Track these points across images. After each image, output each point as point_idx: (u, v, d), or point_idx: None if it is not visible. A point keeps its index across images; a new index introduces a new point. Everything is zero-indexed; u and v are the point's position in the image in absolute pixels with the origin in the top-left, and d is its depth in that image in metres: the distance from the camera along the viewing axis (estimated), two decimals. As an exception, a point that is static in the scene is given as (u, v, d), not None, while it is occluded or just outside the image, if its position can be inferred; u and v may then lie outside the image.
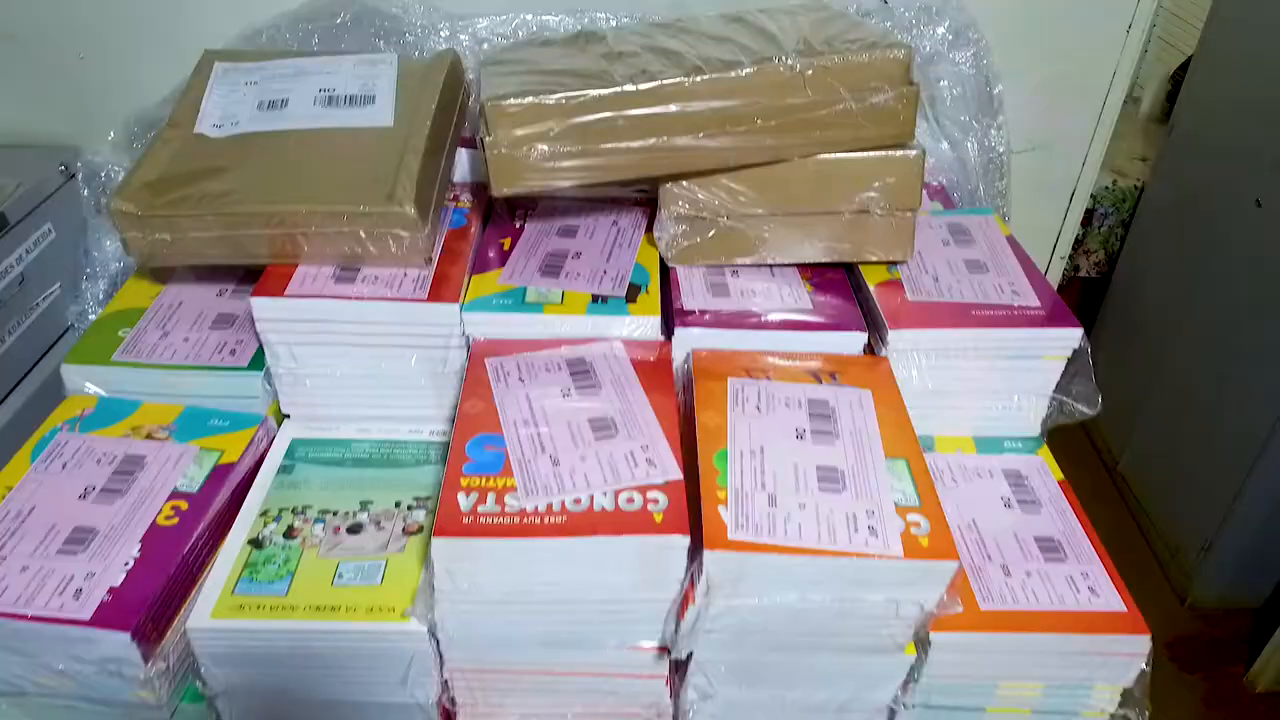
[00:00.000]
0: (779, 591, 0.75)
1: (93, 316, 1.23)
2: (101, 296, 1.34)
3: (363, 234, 0.89)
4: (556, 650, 0.82)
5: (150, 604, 0.76)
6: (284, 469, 0.92)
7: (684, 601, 0.77)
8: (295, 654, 0.79)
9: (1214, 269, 2.10)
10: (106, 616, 0.74)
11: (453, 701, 0.85)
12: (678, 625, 0.77)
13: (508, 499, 0.75)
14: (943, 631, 0.80)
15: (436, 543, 0.72)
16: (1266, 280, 1.91)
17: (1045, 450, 1.00)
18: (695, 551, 0.74)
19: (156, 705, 0.80)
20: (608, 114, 0.87)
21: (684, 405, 0.89)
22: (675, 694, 0.85)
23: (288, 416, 0.98)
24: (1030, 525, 0.91)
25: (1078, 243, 2.65)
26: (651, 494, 0.76)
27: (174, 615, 0.80)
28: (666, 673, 0.84)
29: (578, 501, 0.75)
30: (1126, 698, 0.85)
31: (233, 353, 0.97)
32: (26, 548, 0.79)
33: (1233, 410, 2.05)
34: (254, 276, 0.92)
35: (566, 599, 0.77)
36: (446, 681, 0.83)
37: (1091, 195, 2.62)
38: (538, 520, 0.74)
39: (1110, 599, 0.84)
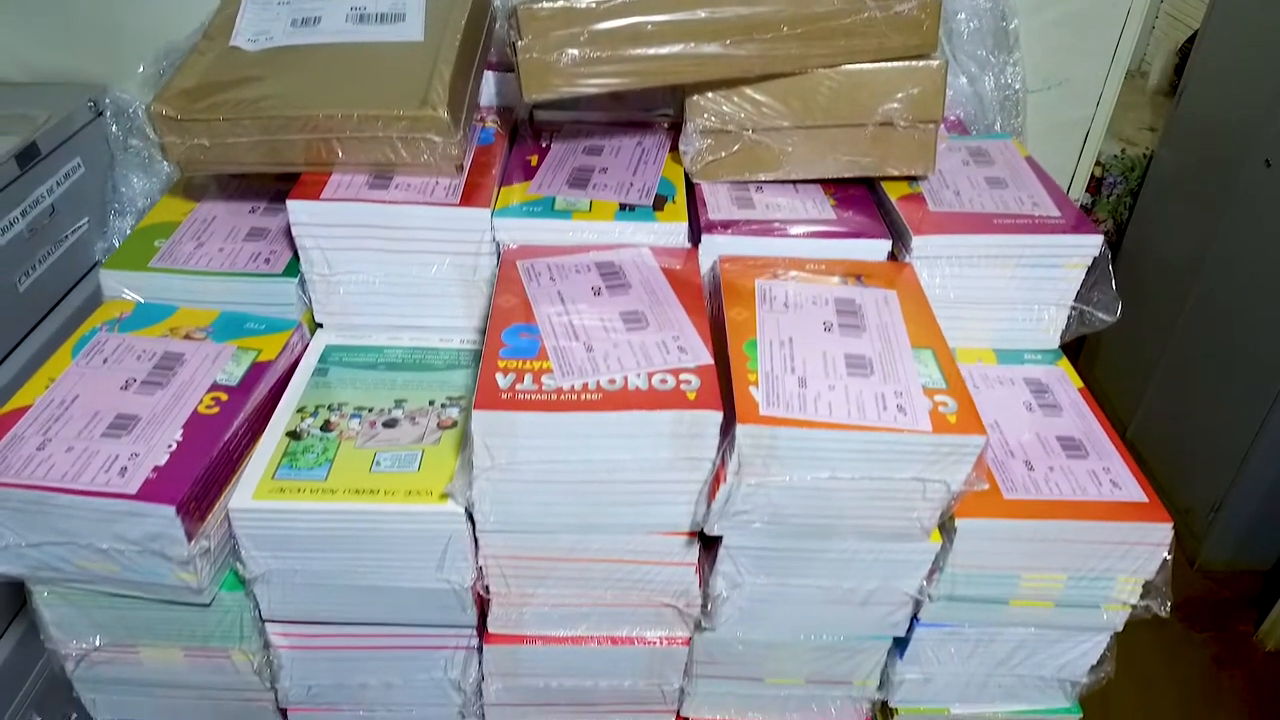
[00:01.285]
0: (809, 469, 0.76)
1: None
2: (129, 232, 1.36)
3: (396, 139, 0.91)
4: (588, 535, 0.83)
5: (194, 481, 0.77)
6: (319, 371, 0.94)
7: (715, 482, 0.78)
8: (334, 536, 0.81)
9: (1224, 231, 2.12)
10: (152, 491, 0.76)
11: (487, 589, 0.86)
12: (709, 508, 0.79)
13: (544, 379, 0.77)
14: (968, 517, 0.82)
15: (476, 416, 0.74)
16: (1278, 239, 1.92)
17: (1065, 362, 1.01)
18: (727, 429, 0.76)
19: (197, 589, 0.81)
20: (636, 19, 0.89)
21: (712, 310, 0.91)
22: (704, 583, 0.87)
23: (321, 326, 0.99)
24: (1052, 426, 0.92)
25: (1086, 210, 2.67)
26: (684, 376, 0.78)
27: (215, 499, 0.81)
28: (696, 560, 0.85)
29: (612, 382, 0.77)
30: (1148, 589, 0.86)
31: (267, 261, 0.98)
32: (71, 431, 0.81)
33: (1242, 374, 2.06)
34: (285, 197, 0.93)
35: (600, 478, 0.78)
36: (481, 568, 0.85)
37: (1100, 164, 2.64)
38: (574, 397, 0.76)
39: (1132, 491, 0.85)
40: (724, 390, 0.77)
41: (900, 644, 0.93)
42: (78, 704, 1.08)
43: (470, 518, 0.81)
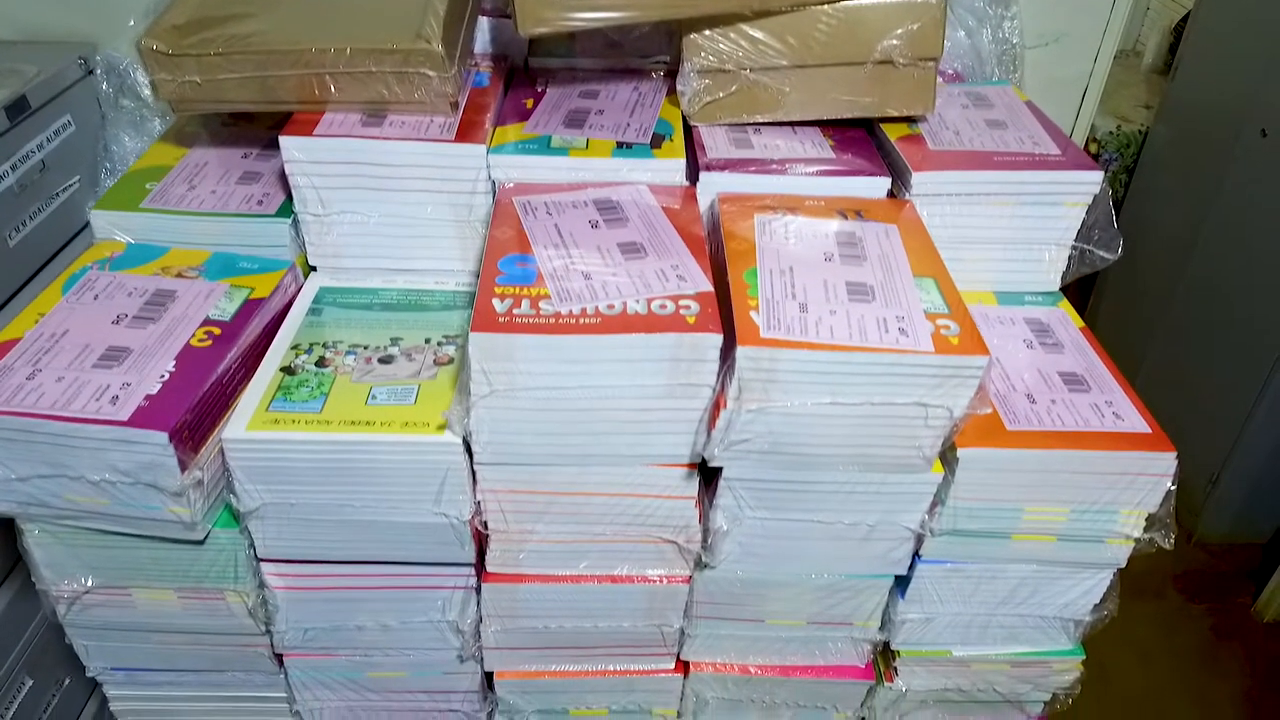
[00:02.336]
0: (810, 394, 0.76)
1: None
2: (121, 189, 1.34)
3: (389, 74, 0.90)
4: (587, 468, 0.82)
5: (187, 409, 0.76)
6: (313, 311, 0.93)
7: (715, 410, 0.77)
8: (330, 468, 0.80)
9: (1221, 203, 2.11)
10: (145, 418, 0.75)
11: (485, 525, 0.85)
12: (709, 436, 0.78)
13: (542, 304, 0.76)
14: (970, 447, 0.81)
15: (474, 338, 0.73)
16: (1275, 209, 1.92)
17: (1066, 303, 1.01)
18: (727, 354, 0.75)
19: (190, 523, 0.80)
20: (633, -49, 0.88)
21: (711, 248, 0.90)
22: (704, 519, 0.86)
23: (314, 269, 0.98)
24: (1053, 363, 0.91)
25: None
26: (684, 302, 0.77)
27: (209, 432, 0.80)
28: (695, 494, 0.84)
29: (610, 307, 0.76)
30: (1152, 522, 0.85)
31: (260, 203, 0.97)
32: (61, 362, 0.80)
33: (1238, 347, 2.06)
34: (278, 143, 0.91)
35: (598, 406, 0.77)
36: (479, 503, 0.84)
37: (1096, 140, 2.63)
38: (572, 321, 0.75)
39: (1135, 422, 0.85)
40: (724, 317, 0.76)
41: (902, 583, 0.92)
42: (71, 668, 1.07)
43: (468, 449, 0.80)
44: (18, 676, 1.09)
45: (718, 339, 0.73)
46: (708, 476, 0.85)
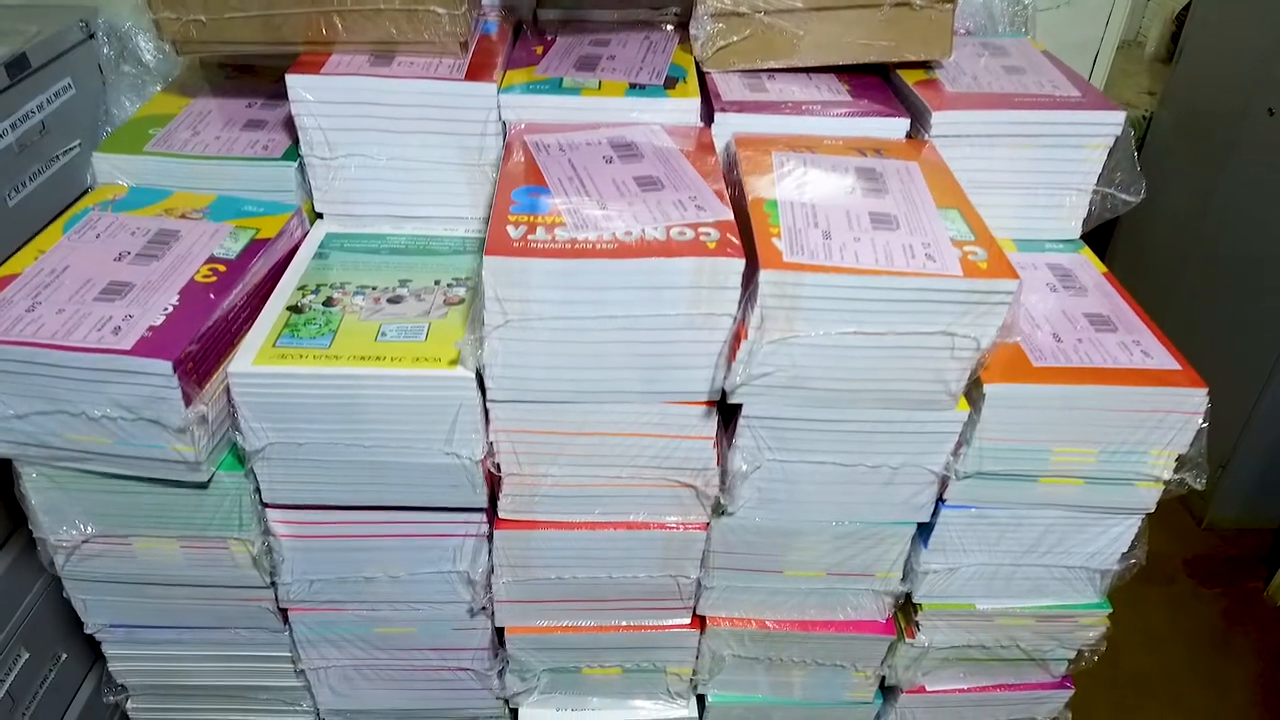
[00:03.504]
0: (834, 322, 0.73)
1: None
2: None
3: (398, 12, 0.88)
4: (603, 406, 0.80)
5: (191, 339, 0.74)
6: (319, 255, 0.90)
7: (735, 341, 0.75)
8: (338, 405, 0.77)
9: (1228, 184, 2.10)
10: (148, 348, 0.72)
11: (498, 467, 0.83)
12: (729, 370, 0.76)
13: (557, 231, 0.74)
14: (996, 383, 0.79)
15: (487, 263, 0.70)
16: (1281, 188, 1.91)
17: (1087, 250, 0.99)
18: (748, 282, 0.73)
19: (194, 462, 0.78)
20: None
21: (728, 186, 0.88)
22: (722, 461, 0.84)
23: (321, 216, 0.96)
24: (1078, 305, 0.89)
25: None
26: (703, 229, 0.75)
27: (214, 368, 0.78)
28: (714, 434, 0.82)
29: (628, 234, 0.74)
30: (1183, 463, 0.83)
31: (265, 148, 0.95)
32: (62, 296, 0.77)
33: (1247, 331, 2.04)
34: (284, 94, 0.89)
35: (615, 338, 0.75)
36: (492, 444, 0.81)
37: (1100, 125, 2.62)
38: (589, 247, 0.72)
39: (1164, 359, 0.83)
40: (745, 246, 0.74)
41: (924, 532, 0.90)
42: (68, 641, 1.05)
43: (480, 386, 0.78)
44: (14, 649, 1.06)
45: (740, 263, 0.71)
46: (727, 417, 0.82)
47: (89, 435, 0.77)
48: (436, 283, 0.87)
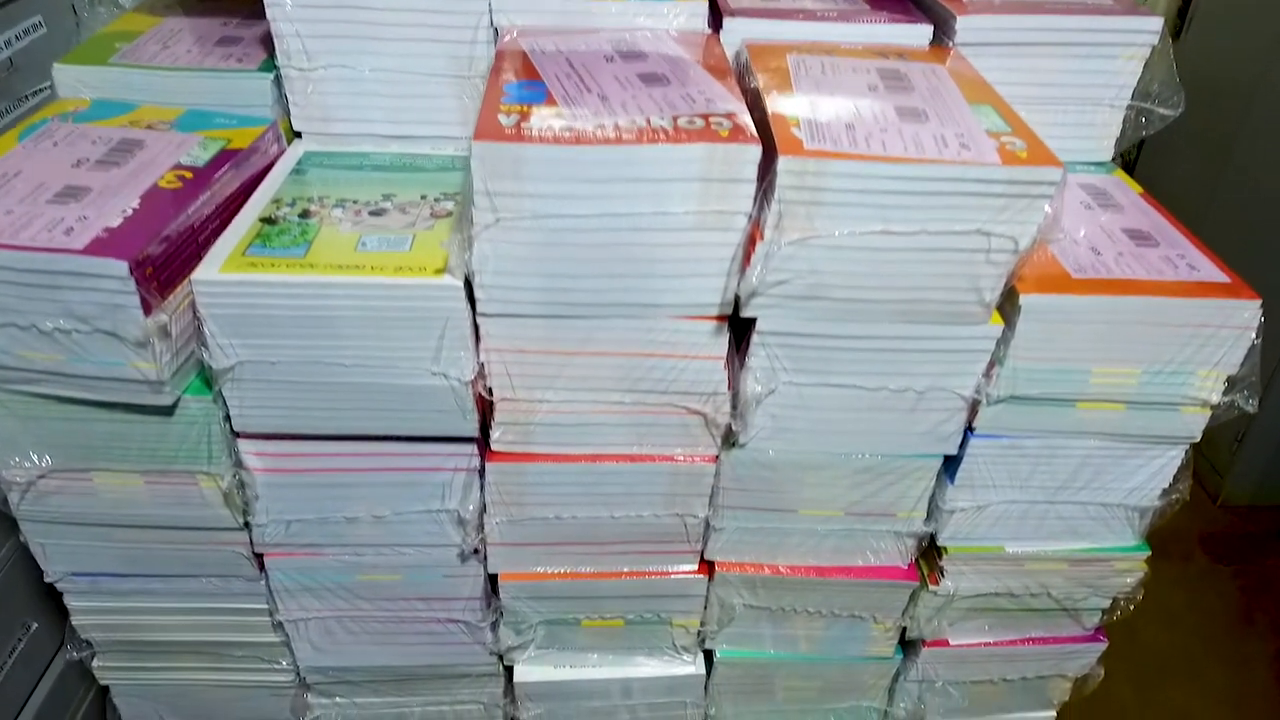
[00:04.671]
0: (858, 220, 0.67)
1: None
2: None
3: (383, -93, 0.81)
4: (604, 321, 0.73)
5: (150, 240, 0.67)
6: (296, 171, 0.84)
7: (750, 245, 0.68)
8: (314, 318, 0.70)
9: (1238, 159, 2.05)
10: (102, 248, 0.66)
11: (490, 391, 0.76)
12: (742, 278, 0.69)
13: (554, 120, 0.67)
14: (1033, 294, 0.72)
15: (476, 149, 0.64)
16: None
17: (1120, 172, 0.92)
18: (765, 174, 0.66)
19: (157, 381, 0.71)
20: None
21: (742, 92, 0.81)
22: (734, 385, 0.77)
23: (299, 136, 0.89)
24: (1115, 221, 0.83)
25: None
26: (715, 119, 0.68)
27: (178, 279, 0.71)
28: (724, 353, 0.75)
29: (632, 122, 0.67)
30: (1233, 384, 0.77)
31: (239, 61, 0.88)
32: (11, 199, 0.71)
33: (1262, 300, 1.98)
34: (260, 13, 0.82)
35: (618, 240, 0.69)
36: (483, 365, 0.74)
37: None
38: (588, 135, 0.66)
39: (1211, 272, 0.76)
40: (762, 140, 0.67)
41: (951, 467, 0.83)
42: (38, 610, 0.97)
43: (470, 298, 0.71)
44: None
45: (756, 150, 0.65)
46: (739, 336, 0.76)
47: (41, 352, 0.70)
48: (423, 197, 0.80)
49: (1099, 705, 1.56)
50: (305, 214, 0.77)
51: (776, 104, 0.70)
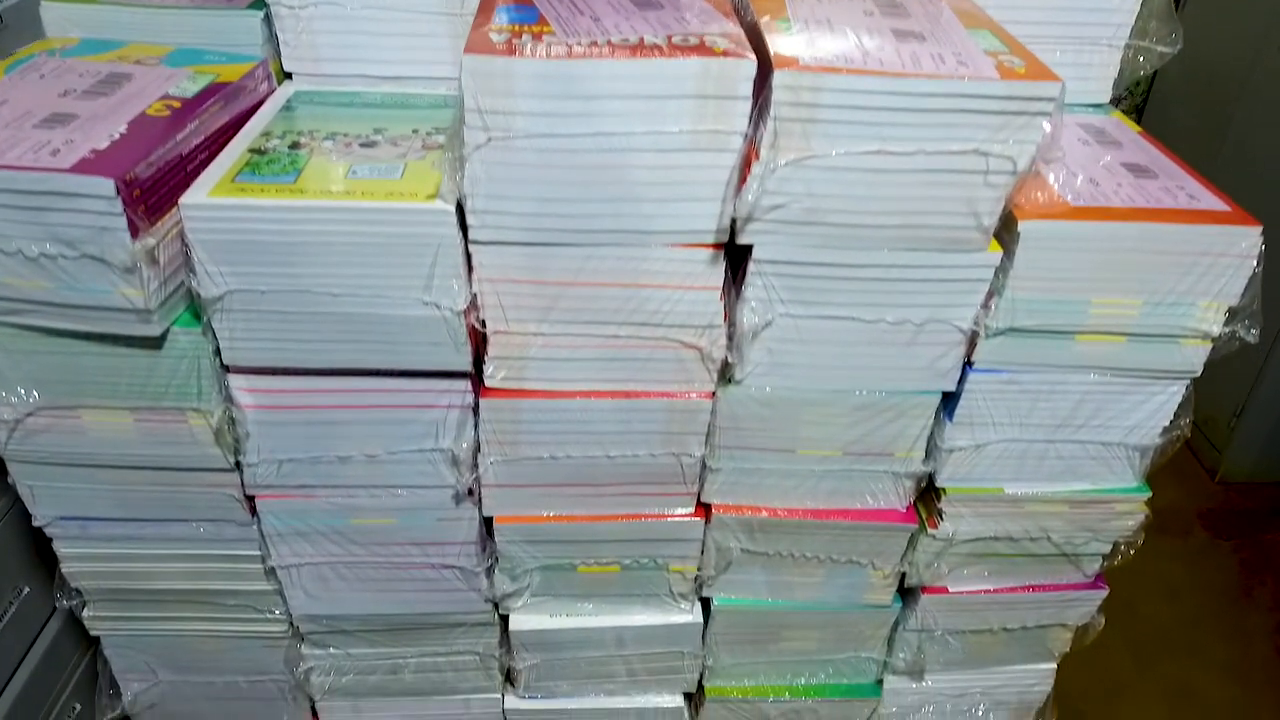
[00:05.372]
0: (855, 140, 0.66)
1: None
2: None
3: None
4: (598, 250, 0.72)
5: (137, 161, 0.66)
6: (286, 108, 0.83)
7: (745, 168, 0.68)
8: (304, 244, 0.70)
9: (1237, 129, 2.04)
10: (88, 167, 0.65)
11: (483, 323, 0.75)
12: (738, 199, 0.68)
13: (546, 38, 0.66)
14: (1032, 220, 0.71)
15: (467, 63, 0.63)
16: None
17: (1118, 113, 0.91)
18: (760, 92, 0.65)
19: (144, 310, 0.70)
20: None
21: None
22: (730, 318, 0.76)
23: (290, 77, 0.88)
24: (1115, 156, 0.82)
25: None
26: (710, 38, 0.67)
27: (166, 206, 0.70)
28: (720, 284, 0.74)
29: (625, 40, 0.66)
30: (1234, 315, 0.76)
31: (230, 1, 0.87)
32: (-4, 125, 0.69)
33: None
34: None
35: (611, 162, 0.68)
36: (476, 297, 0.73)
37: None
38: (581, 50, 0.65)
39: (1211, 202, 0.75)
40: (758, 54, 0.66)
41: (949, 405, 0.82)
42: (30, 575, 0.96)
43: (462, 225, 0.70)
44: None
45: (751, 65, 0.64)
46: (735, 266, 0.75)
47: (28, 279, 0.69)
48: (414, 131, 0.79)
49: (1100, 678, 1.55)
50: (295, 145, 0.76)
51: (772, 29, 0.70)
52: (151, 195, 0.68)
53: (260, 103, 0.84)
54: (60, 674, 1.04)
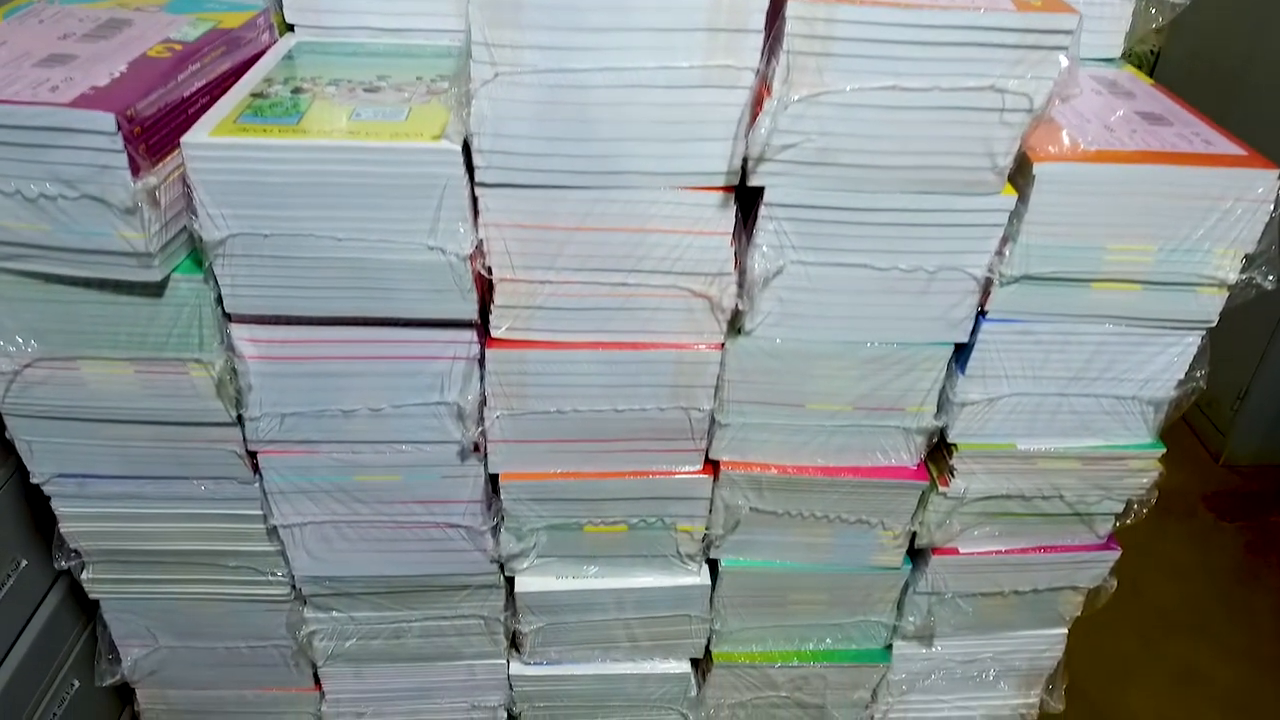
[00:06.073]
0: (869, 74, 0.65)
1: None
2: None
3: None
4: (606, 193, 0.71)
5: (138, 97, 0.65)
6: (288, 57, 0.81)
7: (756, 105, 0.66)
8: (307, 184, 0.68)
9: (1243, 106, 2.03)
10: (88, 102, 0.63)
11: (489, 270, 0.74)
12: (750, 136, 0.67)
13: (554, -28, 0.65)
14: (1047, 162, 0.70)
15: (474, -11, 0.62)
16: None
17: (1130, 67, 0.90)
18: (773, 22, 0.64)
19: (145, 253, 0.69)
20: None
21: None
22: (740, 265, 0.75)
23: (292, 29, 0.87)
24: (1128, 105, 0.81)
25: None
26: (719, -27, 0.66)
27: (167, 147, 0.69)
28: (730, 228, 0.73)
29: (634, -28, 0.65)
30: (1251, 261, 0.75)
31: (229, -50, 0.86)
32: (-7, 65, 0.68)
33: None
34: None
35: (620, 99, 0.67)
36: (482, 242, 0.72)
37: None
38: (590, -17, 0.64)
39: (1227, 147, 0.74)
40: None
41: (962, 358, 0.81)
42: (29, 547, 0.95)
43: (468, 167, 0.69)
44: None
45: (763, -1, 0.63)
46: (745, 213, 0.74)
47: (26, 222, 0.68)
48: (419, 78, 0.78)
49: (1106, 659, 1.54)
50: (297, 90, 0.75)
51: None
52: (152, 135, 0.67)
53: (261, 53, 0.82)
54: (59, 649, 1.03)
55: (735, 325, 0.78)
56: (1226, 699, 1.52)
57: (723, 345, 0.79)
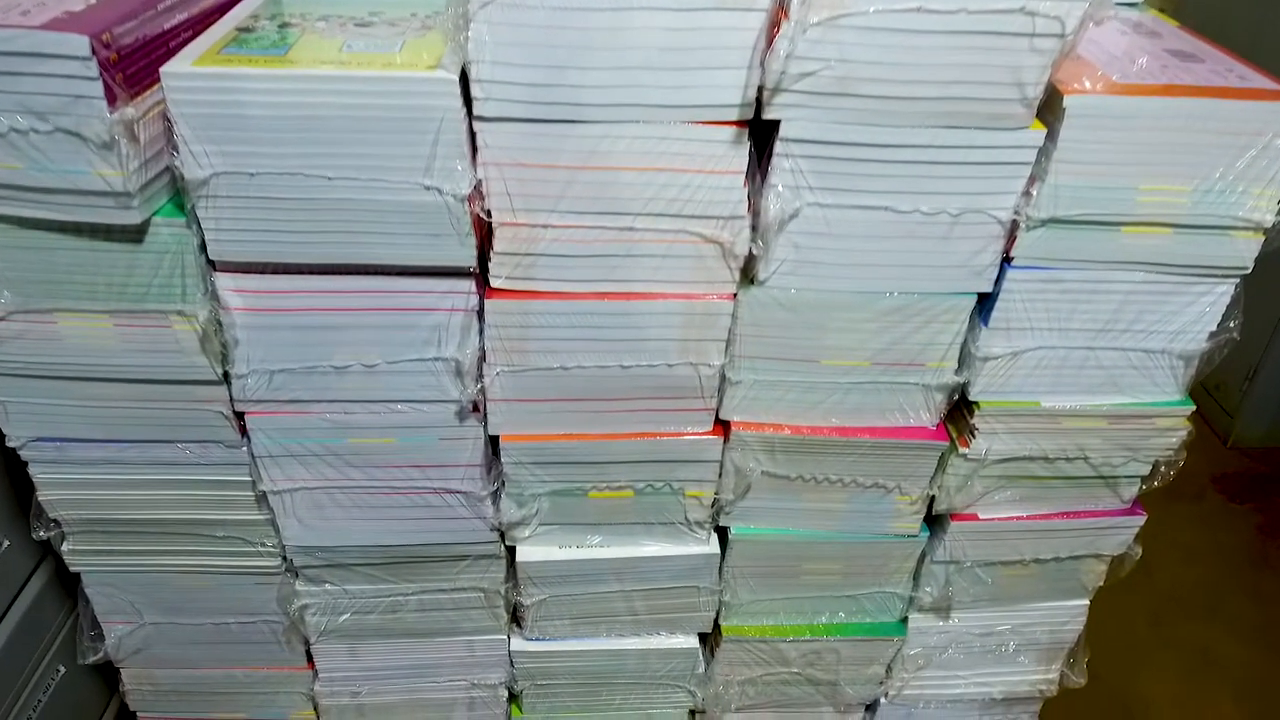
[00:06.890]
0: (891, -3, 0.61)
1: None
2: None
3: None
4: (614, 128, 0.68)
5: (114, 22, 0.61)
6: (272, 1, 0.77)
7: (772, 31, 0.63)
8: (295, 118, 0.64)
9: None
10: (61, 25, 0.59)
11: (488, 213, 0.70)
12: (766, 61, 0.63)
13: (558, -111, 0.61)
14: (1077, 94, 0.67)
15: (473, -95, 0.58)
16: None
17: (1154, 10, 0.87)
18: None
19: (123, 192, 0.65)
20: None
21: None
22: (754, 209, 0.71)
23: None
24: (1157, 44, 0.78)
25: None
26: (732, -108, 0.62)
27: (146, 80, 0.65)
28: (744, 167, 0.69)
29: (644, -108, 0.61)
30: (1291, 201, 0.71)
31: (213, -112, 0.82)
32: (-41, -7, 0.64)
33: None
34: None
35: (628, 24, 0.63)
36: (481, 183, 0.68)
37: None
38: (598, -102, 0.60)
39: (1262, 82, 0.71)
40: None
41: (985, 310, 0.78)
42: (11, 528, 0.91)
43: (466, 101, 0.65)
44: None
45: (780, -91, 0.59)
46: (760, 150, 0.70)
47: (-1, 162, 0.63)
48: (413, 14, 0.74)
49: (1118, 641, 1.51)
50: (285, 25, 0.71)
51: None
52: (130, 65, 0.63)
53: None
54: (44, 634, 0.98)
55: (748, 274, 0.74)
56: (1239, 681, 1.49)
57: (735, 295, 0.75)
